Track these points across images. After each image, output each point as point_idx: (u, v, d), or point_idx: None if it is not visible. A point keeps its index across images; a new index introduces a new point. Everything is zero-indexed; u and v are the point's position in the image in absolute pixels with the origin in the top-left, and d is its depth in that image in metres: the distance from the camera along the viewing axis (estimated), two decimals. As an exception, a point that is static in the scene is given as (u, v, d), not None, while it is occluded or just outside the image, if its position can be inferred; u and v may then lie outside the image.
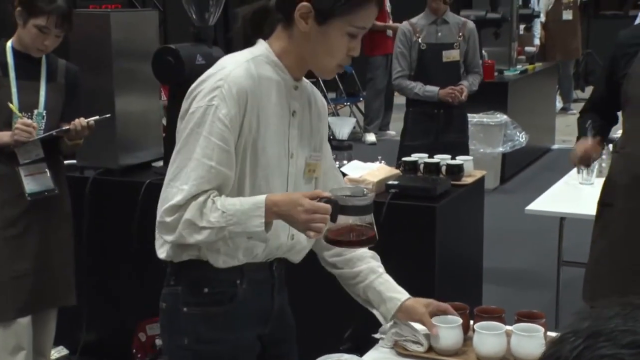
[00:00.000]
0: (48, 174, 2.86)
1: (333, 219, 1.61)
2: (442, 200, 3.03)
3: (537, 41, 8.36)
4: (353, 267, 1.86)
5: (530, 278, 4.47)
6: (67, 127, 2.79)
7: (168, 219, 1.62)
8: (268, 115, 1.67)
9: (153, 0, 7.55)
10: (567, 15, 8.68)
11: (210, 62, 3.03)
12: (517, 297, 4.11)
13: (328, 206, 1.59)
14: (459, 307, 1.91)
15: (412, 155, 3.40)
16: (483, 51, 6.33)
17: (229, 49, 1.82)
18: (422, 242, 2.99)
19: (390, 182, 3.06)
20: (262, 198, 1.62)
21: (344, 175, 3.00)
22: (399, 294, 1.85)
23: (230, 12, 8.60)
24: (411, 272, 2.87)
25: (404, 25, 4.29)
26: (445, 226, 3.05)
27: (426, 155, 3.39)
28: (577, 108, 6.83)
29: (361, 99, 8.48)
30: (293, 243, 1.76)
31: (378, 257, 1.90)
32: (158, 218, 1.64)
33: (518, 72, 6.72)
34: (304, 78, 1.77)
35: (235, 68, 1.64)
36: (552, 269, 3.67)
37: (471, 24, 4.33)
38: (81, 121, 2.78)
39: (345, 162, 3.27)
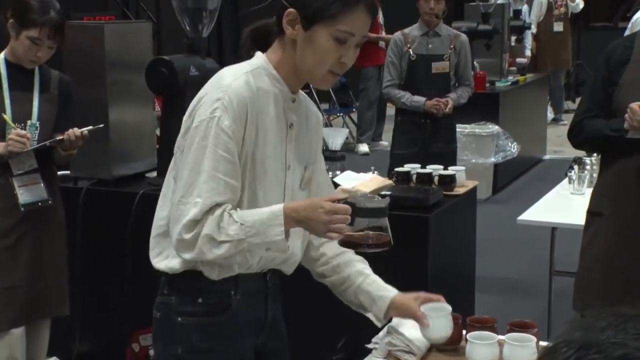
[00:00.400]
0: (42, 184, 2.86)
1: (350, 221, 1.63)
2: (434, 210, 3.05)
3: (528, 52, 8.41)
4: (341, 273, 1.86)
5: (522, 287, 4.48)
6: (61, 137, 2.79)
7: (187, 236, 1.60)
8: (266, 128, 1.68)
9: (147, 12, 7.57)
10: (558, 27, 8.73)
11: (204, 73, 3.07)
12: (510, 306, 4.12)
13: (348, 207, 1.62)
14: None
15: (405, 165, 3.42)
16: (475, 62, 6.36)
17: (222, 60, 1.84)
18: (415, 252, 3.00)
19: (383, 193, 3.07)
20: (279, 206, 1.63)
21: (337, 185, 3.01)
22: (387, 291, 1.84)
23: (223, 24, 8.64)
24: (404, 282, 2.87)
25: (397, 35, 4.35)
26: (437, 236, 3.06)
27: (418, 165, 3.41)
28: (568, 119, 6.87)
29: (354, 109, 8.51)
30: (288, 255, 1.77)
31: (366, 262, 1.90)
32: (175, 236, 1.62)
33: (509, 83, 6.76)
34: (300, 91, 1.79)
35: (234, 80, 1.65)
36: (544, 279, 3.68)
37: (464, 37, 4.37)
38: (75, 131, 2.79)
39: (338, 172, 3.28)
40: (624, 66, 2.44)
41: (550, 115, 8.86)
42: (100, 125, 2.94)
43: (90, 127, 2.85)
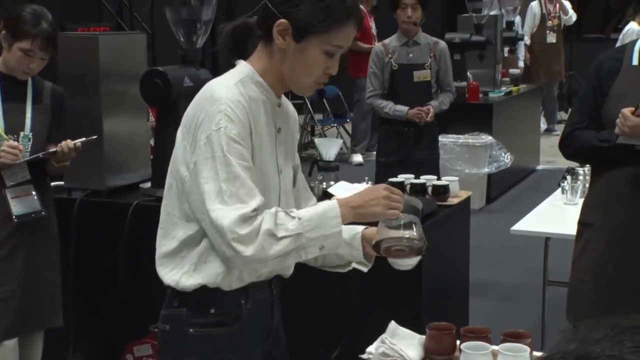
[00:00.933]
0: (35, 195, 2.86)
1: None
2: (428, 220, 3.05)
3: (521, 63, 8.45)
4: None
5: (516, 297, 4.49)
6: (54, 149, 2.79)
7: (243, 232, 1.56)
8: (261, 136, 1.70)
9: (141, 23, 7.58)
10: (551, 38, 8.78)
11: (198, 84, 3.07)
12: (503, 316, 4.12)
13: (399, 191, 1.70)
14: (445, 327, 1.93)
15: (399, 176, 3.44)
16: (468, 73, 6.39)
17: (216, 71, 1.84)
18: (409, 262, 3.00)
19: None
20: (333, 200, 1.67)
21: (331, 196, 3.01)
22: (356, 228, 1.82)
23: (217, 35, 8.66)
24: (398, 292, 2.88)
25: (377, 46, 4.43)
26: (431, 246, 3.04)
27: (412, 175, 3.42)
28: (561, 129, 6.90)
29: (348, 120, 8.54)
30: None
31: None
32: (229, 236, 1.56)
33: (503, 93, 6.78)
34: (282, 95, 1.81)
35: (229, 91, 1.66)
36: (537, 288, 3.69)
37: (442, 44, 4.42)
38: (68, 143, 2.79)
39: (332, 182, 3.29)
40: (613, 77, 2.45)
41: (543, 125, 8.89)
42: (93, 137, 2.94)
43: (83, 138, 2.85)
